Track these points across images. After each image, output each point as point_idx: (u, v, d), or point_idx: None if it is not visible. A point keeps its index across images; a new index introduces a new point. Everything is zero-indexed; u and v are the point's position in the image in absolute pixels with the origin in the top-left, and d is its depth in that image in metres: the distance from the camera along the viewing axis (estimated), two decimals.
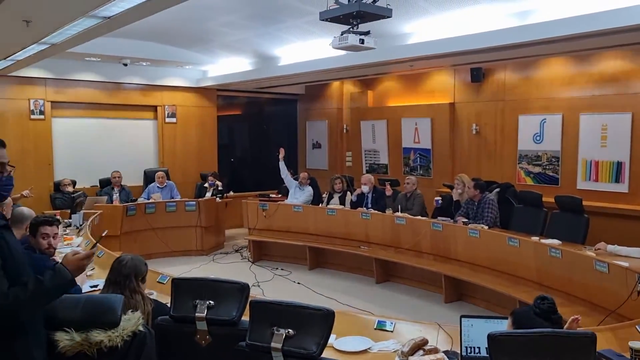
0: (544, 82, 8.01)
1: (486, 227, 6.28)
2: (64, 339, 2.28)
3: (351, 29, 4.94)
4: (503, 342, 1.85)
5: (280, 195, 9.83)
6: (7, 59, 6.62)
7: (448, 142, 9.29)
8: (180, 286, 2.51)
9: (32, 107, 8.97)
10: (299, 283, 7.23)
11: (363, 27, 5.03)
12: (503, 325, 2.63)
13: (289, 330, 2.04)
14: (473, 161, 8.99)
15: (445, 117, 9.28)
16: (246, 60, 9.37)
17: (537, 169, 8.00)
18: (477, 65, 8.42)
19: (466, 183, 6.89)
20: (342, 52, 6.19)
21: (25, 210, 4.42)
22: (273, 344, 2.03)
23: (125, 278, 2.94)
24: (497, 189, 7.05)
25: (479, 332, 2.66)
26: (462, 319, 2.71)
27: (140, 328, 2.31)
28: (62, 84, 9.25)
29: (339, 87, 11.34)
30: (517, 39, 5.88)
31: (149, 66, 9.81)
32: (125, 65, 9.15)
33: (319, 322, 2.04)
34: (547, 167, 7.88)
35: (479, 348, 2.65)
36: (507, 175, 8.28)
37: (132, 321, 2.33)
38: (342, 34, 4.95)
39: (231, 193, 10.25)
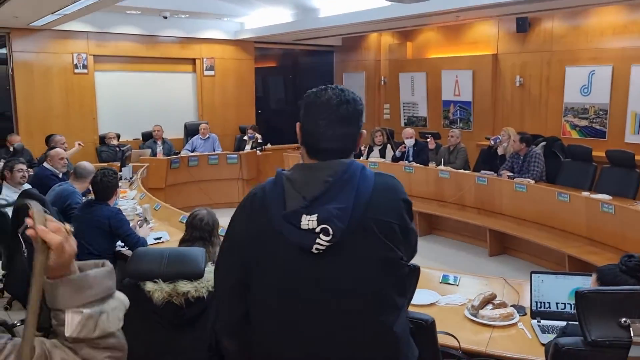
0: (594, 31, 7.74)
1: (532, 182, 6.24)
2: (155, 289, 2.40)
3: None
4: (591, 299, 1.88)
5: None
6: (55, 13, 6.65)
7: (490, 94, 9.12)
8: None
9: (75, 62, 9.03)
10: None
11: None
12: (574, 281, 2.67)
13: None
14: (516, 114, 8.83)
15: (488, 69, 9.09)
16: (285, 11, 9.23)
17: (584, 122, 7.84)
18: (524, 15, 8.17)
19: (512, 136, 6.81)
20: (386, 3, 6.07)
21: (87, 164, 4.57)
22: None
23: (210, 233, 3.08)
24: (544, 143, 6.96)
25: (549, 287, 2.70)
26: (533, 275, 2.75)
27: None
28: (103, 37, 9.25)
29: (376, 38, 11.15)
30: None
31: (188, 18, 9.75)
32: (165, 17, 9.10)
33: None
34: (594, 121, 7.72)
35: (549, 303, 2.70)
36: (550, 128, 8.12)
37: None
38: None
39: (268, 145, 10.31)
